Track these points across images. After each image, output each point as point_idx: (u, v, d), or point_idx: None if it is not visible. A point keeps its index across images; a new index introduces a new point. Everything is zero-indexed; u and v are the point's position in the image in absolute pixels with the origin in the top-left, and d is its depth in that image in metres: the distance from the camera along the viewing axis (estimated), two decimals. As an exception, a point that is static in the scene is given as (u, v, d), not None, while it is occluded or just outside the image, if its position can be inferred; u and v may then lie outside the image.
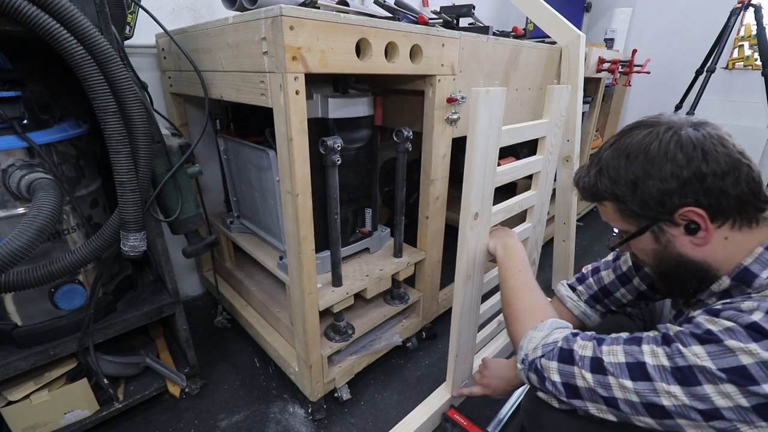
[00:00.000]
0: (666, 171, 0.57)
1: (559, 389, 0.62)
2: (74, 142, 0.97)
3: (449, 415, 1.11)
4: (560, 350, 0.63)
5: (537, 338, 0.67)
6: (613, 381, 0.57)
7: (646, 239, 0.64)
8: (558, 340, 0.65)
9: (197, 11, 1.47)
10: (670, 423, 0.53)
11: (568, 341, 0.64)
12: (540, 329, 0.68)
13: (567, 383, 0.61)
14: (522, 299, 0.77)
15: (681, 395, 0.51)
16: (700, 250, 0.60)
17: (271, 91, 0.83)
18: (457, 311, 1.00)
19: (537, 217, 1.17)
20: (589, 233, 2.55)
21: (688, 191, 0.57)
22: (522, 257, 0.88)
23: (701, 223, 0.57)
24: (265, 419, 1.18)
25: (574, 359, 0.61)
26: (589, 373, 0.59)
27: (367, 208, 1.28)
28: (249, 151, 1.20)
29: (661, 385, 0.53)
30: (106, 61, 0.77)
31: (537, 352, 0.65)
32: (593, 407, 0.60)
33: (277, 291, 1.40)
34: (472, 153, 0.83)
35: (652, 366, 0.54)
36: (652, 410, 0.54)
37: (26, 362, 0.92)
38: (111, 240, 0.90)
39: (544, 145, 1.09)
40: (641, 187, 0.60)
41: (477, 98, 0.79)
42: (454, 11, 1.46)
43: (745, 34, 2.18)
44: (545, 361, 0.64)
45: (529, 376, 0.67)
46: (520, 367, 0.69)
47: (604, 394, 0.58)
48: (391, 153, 1.98)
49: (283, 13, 0.73)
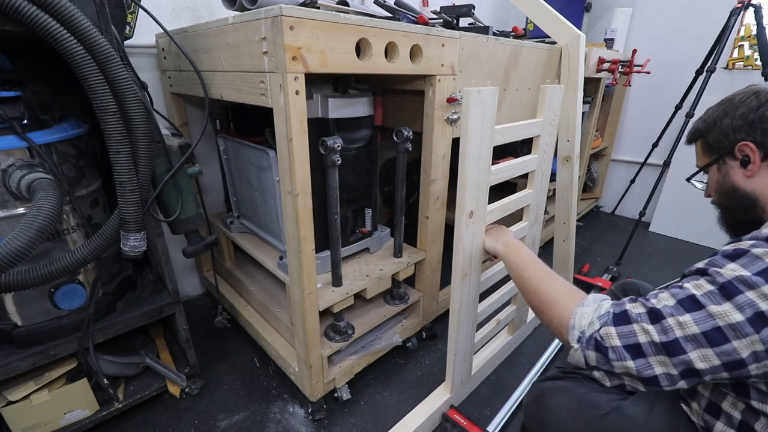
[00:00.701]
0: (739, 112, 0.70)
1: (623, 354, 0.60)
2: (74, 142, 0.97)
3: (449, 414, 1.11)
4: (614, 315, 0.63)
5: (588, 313, 0.65)
6: (672, 321, 0.57)
7: (714, 171, 0.75)
8: (609, 309, 0.64)
9: (197, 11, 1.47)
10: (729, 348, 0.54)
11: (619, 305, 0.64)
12: (586, 305, 0.67)
13: (628, 345, 0.60)
14: (551, 284, 0.76)
15: (731, 311, 0.53)
16: (749, 182, 0.70)
17: (271, 91, 0.83)
18: (455, 310, 1.00)
19: (533, 215, 1.18)
20: (589, 233, 2.55)
21: (750, 130, 0.68)
22: (528, 251, 0.89)
23: (752, 157, 0.68)
24: (265, 419, 1.18)
25: (630, 318, 0.61)
26: (649, 324, 0.59)
27: (367, 208, 1.28)
28: (249, 151, 1.20)
29: (713, 308, 0.54)
30: (106, 61, 0.77)
31: (594, 326, 0.64)
32: (656, 362, 0.58)
33: (277, 291, 1.40)
34: (466, 152, 0.84)
35: (700, 295, 0.56)
36: (711, 338, 0.54)
37: (26, 362, 0.92)
38: (111, 240, 0.90)
39: (538, 144, 1.10)
40: (719, 124, 0.72)
41: (469, 98, 0.79)
42: (454, 11, 1.46)
43: (745, 34, 2.18)
44: (604, 330, 0.62)
45: (587, 354, 0.64)
46: (576, 347, 0.65)
47: (665, 339, 0.57)
48: (391, 153, 1.98)
49: (283, 13, 0.73)
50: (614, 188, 2.85)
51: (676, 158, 2.01)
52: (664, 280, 2.11)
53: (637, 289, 1.04)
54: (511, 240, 0.93)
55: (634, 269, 2.10)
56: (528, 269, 0.82)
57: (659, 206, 2.54)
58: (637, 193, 2.65)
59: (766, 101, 0.68)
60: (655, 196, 2.20)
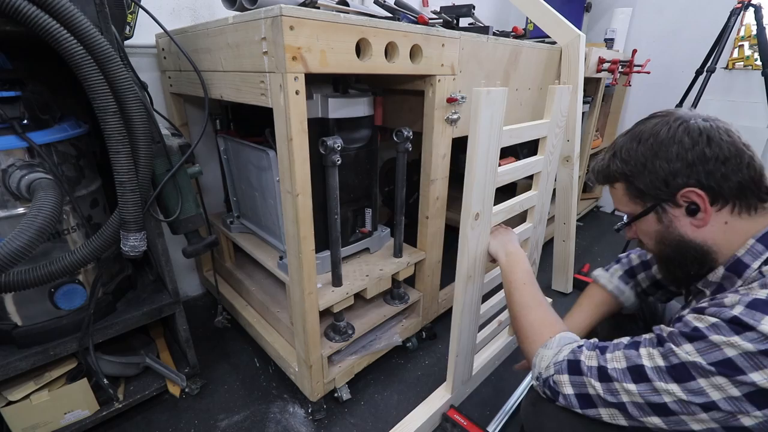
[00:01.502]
0: (672, 152, 0.61)
1: (572, 402, 0.65)
2: (74, 142, 0.97)
3: (449, 415, 1.11)
4: (568, 363, 0.66)
5: (548, 357, 0.69)
6: (619, 386, 0.59)
7: (651, 220, 0.67)
8: (566, 356, 0.67)
9: (197, 11, 1.47)
10: (675, 419, 0.55)
11: (575, 353, 0.66)
12: (549, 347, 0.70)
13: (579, 394, 0.64)
14: (528, 315, 0.78)
15: (678, 392, 0.54)
16: (699, 232, 0.62)
17: (271, 91, 0.83)
18: (457, 312, 1.00)
19: (537, 217, 1.17)
20: (589, 233, 2.55)
21: (691, 173, 0.60)
22: (525, 267, 0.88)
23: (701, 204, 0.60)
24: (265, 419, 1.18)
25: (582, 370, 0.63)
26: (597, 381, 0.61)
27: (367, 208, 1.28)
28: (249, 151, 1.20)
29: (659, 384, 0.55)
30: (106, 61, 0.77)
31: (549, 370, 0.68)
32: (606, 414, 0.62)
33: (277, 291, 1.40)
34: (474, 153, 0.83)
35: (650, 368, 0.57)
36: (657, 409, 0.56)
37: (26, 362, 0.92)
38: (111, 240, 0.89)
39: (545, 145, 1.08)
40: (649, 167, 0.63)
41: (478, 99, 0.78)
42: (454, 11, 1.46)
43: (745, 34, 2.18)
44: (557, 377, 0.66)
45: (544, 391, 0.69)
46: (535, 384, 0.72)
47: (613, 400, 0.60)
48: (391, 153, 1.98)
49: (283, 13, 0.73)
50: (614, 188, 2.84)
51: (676, 158, 2.01)
52: (664, 280, 2.09)
53: None
54: (513, 251, 0.93)
55: (634, 269, 2.10)
56: (515, 292, 0.84)
57: (659, 206, 2.53)
58: (637, 193, 2.65)
59: (700, 137, 0.60)
60: (655, 196, 2.20)
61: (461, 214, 0.89)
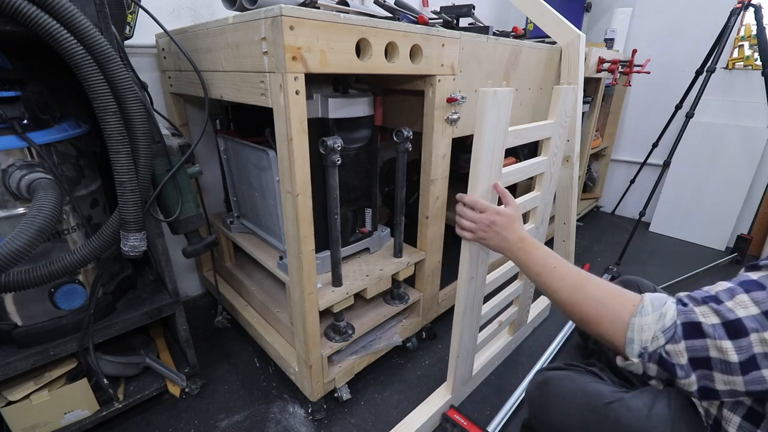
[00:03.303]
0: None
1: (687, 369, 0.54)
2: (74, 142, 0.97)
3: (449, 414, 1.11)
4: (684, 327, 0.55)
5: (649, 325, 0.57)
6: (755, 337, 0.49)
7: None
8: (675, 318, 0.56)
9: (197, 11, 1.47)
10: None
11: (687, 314, 0.55)
12: (644, 313, 0.58)
13: (695, 358, 0.54)
14: (589, 294, 0.65)
15: None
16: None
17: (271, 91, 0.83)
18: (459, 312, 1.00)
19: (540, 218, 1.16)
20: (589, 233, 2.55)
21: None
22: (543, 253, 0.76)
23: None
24: (265, 419, 1.18)
25: (704, 332, 0.53)
26: (727, 341, 0.51)
27: (367, 208, 1.28)
28: (249, 151, 1.20)
29: None
30: (106, 61, 0.77)
31: (658, 340, 0.56)
32: (721, 381, 0.52)
33: (277, 291, 1.40)
34: (479, 154, 0.82)
35: None
36: None
37: (26, 362, 0.92)
38: (111, 240, 0.89)
39: (548, 146, 1.07)
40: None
41: (485, 99, 0.77)
42: (454, 11, 1.46)
43: (745, 34, 2.18)
44: (671, 346, 0.55)
45: (647, 366, 0.58)
46: (635, 361, 0.58)
47: (741, 359, 0.50)
48: (391, 153, 1.98)
49: (283, 13, 0.73)
50: (614, 188, 2.85)
51: (676, 158, 2.01)
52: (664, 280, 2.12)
53: (638, 286, 1.03)
54: (522, 243, 0.80)
55: (634, 269, 2.10)
56: (552, 279, 0.71)
57: (659, 206, 2.54)
58: (637, 193, 2.65)
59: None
60: (655, 196, 2.20)
61: None
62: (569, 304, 0.67)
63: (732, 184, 2.25)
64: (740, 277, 0.54)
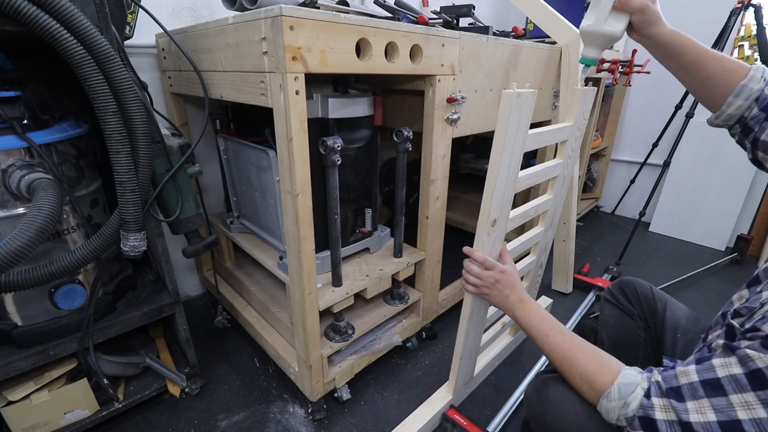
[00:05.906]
0: None
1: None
2: (74, 142, 0.97)
3: (449, 415, 1.11)
4: (641, 421, 0.59)
5: (613, 409, 0.63)
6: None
7: None
8: (635, 412, 0.60)
9: (197, 11, 1.47)
10: None
11: (645, 408, 0.59)
12: (610, 399, 0.63)
13: None
14: (574, 364, 0.72)
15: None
16: None
17: (271, 91, 0.83)
18: (465, 316, 0.99)
19: (549, 221, 1.15)
20: (589, 233, 2.55)
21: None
22: (540, 314, 0.83)
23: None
24: (265, 419, 1.18)
25: (658, 429, 0.56)
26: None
27: (367, 208, 1.28)
28: (249, 151, 1.20)
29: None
30: (106, 61, 0.77)
31: (621, 422, 0.62)
32: None
33: (277, 291, 1.40)
34: (498, 159, 0.80)
35: (747, 420, 0.50)
36: None
37: (26, 362, 0.92)
38: (111, 240, 0.90)
39: (564, 148, 1.05)
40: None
41: (508, 101, 0.74)
42: (454, 11, 1.46)
43: (745, 34, 2.18)
44: (631, 430, 0.60)
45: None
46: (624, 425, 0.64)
47: None
48: (391, 153, 1.98)
49: (283, 13, 0.73)
50: (614, 188, 2.85)
51: (676, 158, 2.01)
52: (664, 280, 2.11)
53: (634, 287, 1.03)
54: (521, 304, 0.86)
55: (634, 269, 2.10)
56: (544, 346, 0.79)
57: (659, 206, 2.54)
58: (637, 193, 2.65)
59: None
60: (655, 196, 2.20)
61: (478, 219, 0.86)
62: (557, 370, 0.76)
63: (732, 184, 2.25)
64: (709, 370, 0.55)
